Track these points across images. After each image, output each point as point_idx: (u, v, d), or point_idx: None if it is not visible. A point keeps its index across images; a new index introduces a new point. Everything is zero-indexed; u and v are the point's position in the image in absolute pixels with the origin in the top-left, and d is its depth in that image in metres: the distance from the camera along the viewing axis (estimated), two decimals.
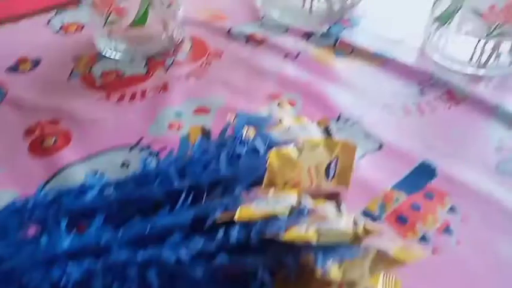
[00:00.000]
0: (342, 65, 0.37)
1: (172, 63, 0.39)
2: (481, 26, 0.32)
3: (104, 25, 0.37)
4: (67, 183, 0.26)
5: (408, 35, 0.41)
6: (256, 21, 0.45)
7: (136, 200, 0.22)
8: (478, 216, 0.23)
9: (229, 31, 0.43)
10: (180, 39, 0.42)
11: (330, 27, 0.43)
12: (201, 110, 0.32)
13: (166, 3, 0.38)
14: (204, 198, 0.22)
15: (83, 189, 0.23)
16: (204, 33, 0.44)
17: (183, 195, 0.21)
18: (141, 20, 0.37)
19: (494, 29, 0.32)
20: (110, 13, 0.36)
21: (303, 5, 0.44)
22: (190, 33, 0.44)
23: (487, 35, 0.32)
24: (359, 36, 0.41)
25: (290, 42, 0.40)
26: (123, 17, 0.37)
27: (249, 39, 0.42)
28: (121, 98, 0.34)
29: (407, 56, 0.37)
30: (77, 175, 0.27)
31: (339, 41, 0.40)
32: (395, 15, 0.44)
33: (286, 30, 0.43)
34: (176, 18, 0.41)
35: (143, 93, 0.35)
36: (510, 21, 0.31)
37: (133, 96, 0.34)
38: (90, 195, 0.22)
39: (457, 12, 0.33)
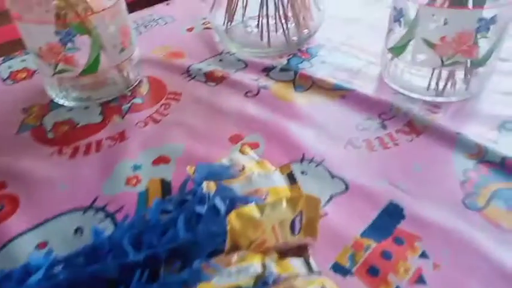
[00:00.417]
0: (303, 100, 0.36)
1: (129, 108, 0.37)
2: (434, 56, 0.32)
3: (53, 75, 0.36)
4: (14, 258, 0.24)
5: (367, 63, 0.41)
6: (215, 57, 0.44)
7: (88, 279, 0.20)
8: (449, 259, 0.22)
9: (188, 69, 0.42)
10: (137, 81, 0.41)
11: (289, 60, 0.42)
12: (161, 160, 0.31)
13: (119, 47, 0.37)
14: (161, 270, 0.20)
15: (27, 271, 0.21)
16: (162, 73, 0.42)
17: (139, 272, 0.19)
18: (92, 67, 0.35)
19: (448, 59, 0.32)
20: (58, 63, 0.35)
21: (261, 39, 0.44)
22: (148, 73, 0.42)
23: (441, 65, 0.33)
24: (318, 67, 0.41)
25: (250, 78, 0.40)
26: (73, 66, 0.35)
27: (208, 77, 0.41)
28: (74, 152, 0.32)
29: (367, 86, 0.37)
30: (26, 247, 0.25)
31: (298, 74, 0.40)
32: (353, 44, 0.44)
33: (246, 65, 0.42)
34: (132, 60, 0.39)
35: (98, 145, 0.33)
36: (462, 51, 0.31)
37: (87, 149, 0.32)
38: (35, 278, 0.20)
39: (409, 43, 0.33)
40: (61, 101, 0.38)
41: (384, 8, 0.42)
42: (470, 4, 0.30)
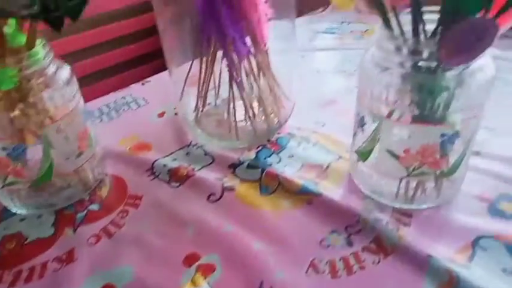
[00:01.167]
0: (268, 206, 0.34)
1: (84, 217, 0.35)
2: (400, 167, 0.30)
3: (3, 187, 0.34)
4: None
5: (337, 157, 0.39)
6: (183, 150, 0.43)
7: None
8: None
9: (152, 166, 0.41)
10: (98, 182, 0.39)
11: (257, 153, 0.41)
12: None
13: (76, 153, 0.35)
14: None
15: None
16: (125, 171, 0.41)
17: None
18: (45, 177, 0.34)
19: (414, 170, 0.30)
20: (7, 176, 0.33)
21: (229, 131, 0.42)
22: (111, 170, 0.41)
23: (407, 176, 0.31)
24: (286, 162, 0.39)
25: (215, 177, 0.38)
26: (24, 178, 0.34)
27: (173, 175, 0.39)
28: (15, 280, 0.30)
29: (336, 189, 0.35)
30: None
31: (265, 172, 0.38)
32: (324, 133, 0.43)
33: (213, 160, 0.41)
34: (91, 162, 0.38)
35: (43, 268, 0.30)
36: (428, 163, 0.30)
37: (30, 275, 0.30)
38: None
39: (374, 150, 0.32)
40: (13, 209, 0.36)
41: None
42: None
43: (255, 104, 0.41)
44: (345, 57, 0.60)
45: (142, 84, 0.57)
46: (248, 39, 0.39)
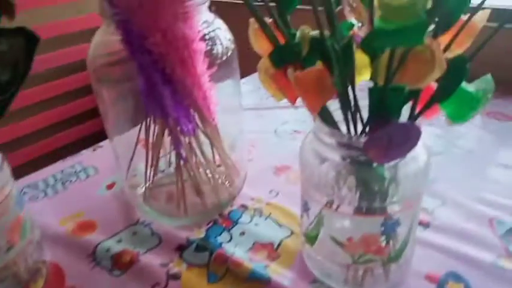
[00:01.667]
0: None
1: None
2: (345, 254, 0.30)
3: None
4: None
5: (289, 233, 0.38)
6: (129, 229, 0.41)
7: None
8: None
9: (94, 251, 0.38)
10: (33, 274, 0.36)
11: (208, 230, 0.39)
12: None
13: (4, 248, 0.33)
14: None
15: None
16: (64, 257, 0.37)
17: None
18: None
19: (359, 257, 0.30)
20: None
21: (178, 207, 0.41)
22: (48, 256, 0.37)
23: (353, 263, 0.30)
24: (237, 241, 0.37)
25: (161, 264, 0.36)
26: None
27: (115, 262, 0.36)
28: None
29: (286, 272, 0.34)
30: None
31: (214, 254, 0.36)
32: (277, 204, 0.42)
33: (160, 241, 0.39)
34: (25, 253, 0.35)
35: None
36: (372, 251, 0.29)
37: None
38: None
39: (319, 236, 0.31)
40: None
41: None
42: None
43: (205, 180, 0.40)
44: (302, 116, 0.60)
45: (94, 150, 0.55)
46: (195, 115, 0.39)
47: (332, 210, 0.28)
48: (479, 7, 0.26)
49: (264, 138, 0.55)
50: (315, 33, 0.25)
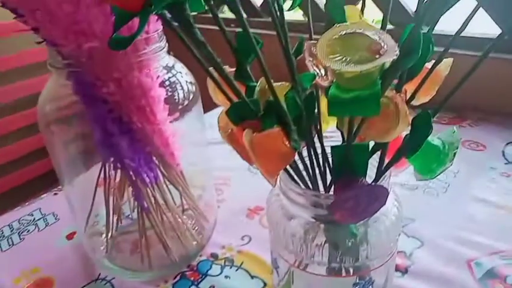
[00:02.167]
0: None
1: None
2: None
3: None
4: None
5: (258, 285, 0.36)
6: (90, 285, 0.38)
7: None
8: None
9: None
10: None
11: (174, 284, 0.37)
12: None
13: None
14: None
15: None
16: None
17: None
18: None
19: None
20: None
21: (142, 261, 0.38)
22: None
23: None
24: None
25: None
26: None
27: None
28: None
29: None
30: None
31: None
32: (249, 252, 0.39)
33: None
34: None
35: None
36: None
37: None
38: None
39: None
40: None
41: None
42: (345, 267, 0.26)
43: (171, 229, 0.38)
44: None
45: (55, 194, 0.52)
46: (157, 162, 0.36)
47: (301, 269, 0.27)
48: (443, 55, 0.25)
49: (237, 176, 0.53)
50: (279, 84, 0.24)
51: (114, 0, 0.18)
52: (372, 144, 0.24)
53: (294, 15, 0.93)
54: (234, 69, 0.25)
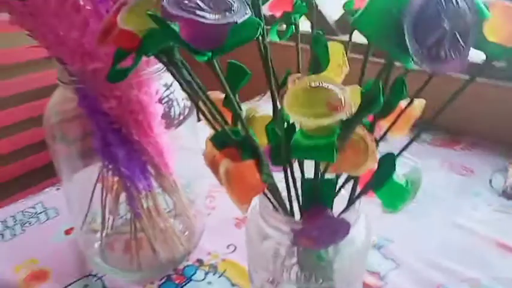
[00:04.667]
0: None
1: None
2: None
3: None
4: None
5: None
6: (82, 281, 0.40)
7: None
8: None
9: None
10: None
11: (160, 286, 0.39)
12: None
13: None
14: None
15: None
16: None
17: None
18: None
19: None
20: None
21: (130, 262, 0.41)
22: None
23: None
24: None
25: None
26: None
27: None
28: None
29: None
30: None
31: None
32: (233, 261, 0.42)
33: None
34: None
35: None
36: None
37: None
38: None
39: None
40: None
41: None
42: None
43: (160, 234, 0.40)
44: None
45: (57, 189, 0.55)
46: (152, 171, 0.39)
47: (273, 286, 0.29)
48: (416, 95, 0.27)
49: None
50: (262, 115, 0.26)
51: (113, 41, 0.20)
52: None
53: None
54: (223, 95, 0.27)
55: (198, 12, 0.15)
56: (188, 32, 0.15)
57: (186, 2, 0.15)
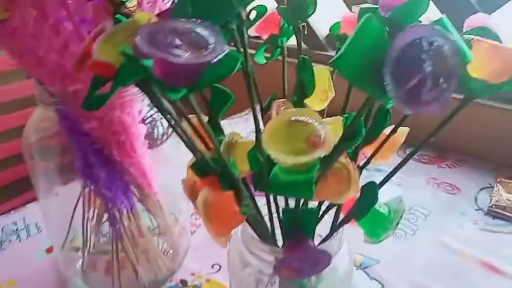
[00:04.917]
0: None
1: None
2: None
3: None
4: None
5: None
6: None
7: None
8: None
9: None
10: None
11: None
12: None
13: None
14: None
15: None
16: None
17: None
18: None
19: None
20: None
21: (112, 284, 0.40)
22: None
23: None
24: None
25: None
26: None
27: None
28: None
29: None
30: None
31: None
32: (216, 285, 0.41)
33: None
34: None
35: None
36: None
37: None
38: None
39: None
40: None
41: None
42: None
43: (143, 256, 0.40)
44: None
45: None
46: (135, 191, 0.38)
47: None
48: (400, 124, 0.27)
49: None
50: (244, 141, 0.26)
51: (89, 69, 0.20)
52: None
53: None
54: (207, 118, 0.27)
55: (171, 50, 0.14)
56: (162, 70, 0.15)
57: (161, 38, 0.15)
